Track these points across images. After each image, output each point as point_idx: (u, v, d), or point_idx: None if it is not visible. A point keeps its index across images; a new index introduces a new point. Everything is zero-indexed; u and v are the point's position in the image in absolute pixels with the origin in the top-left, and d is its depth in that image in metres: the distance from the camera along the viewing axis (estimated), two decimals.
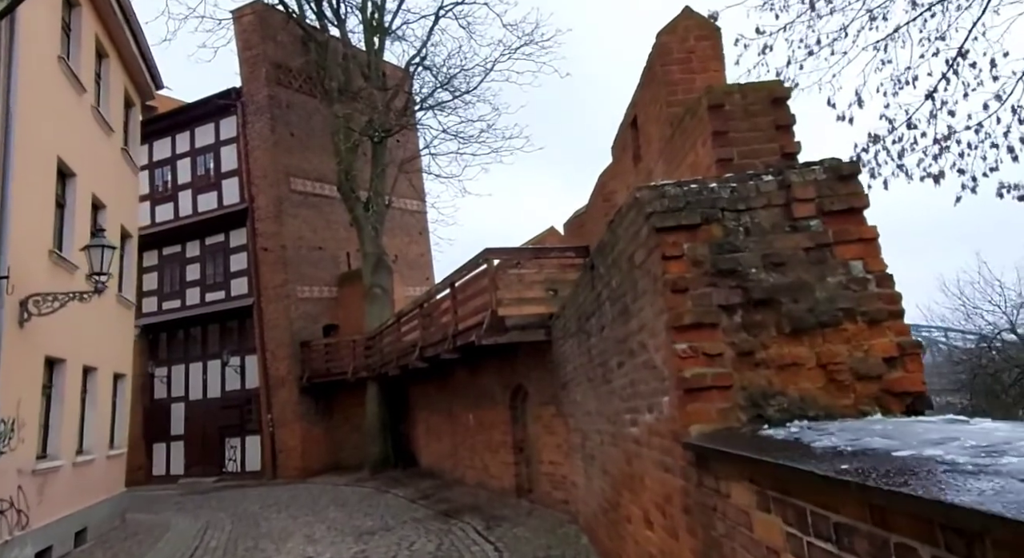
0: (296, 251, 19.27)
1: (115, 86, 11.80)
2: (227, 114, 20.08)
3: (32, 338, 7.90)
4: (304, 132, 20.08)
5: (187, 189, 20.85)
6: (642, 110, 5.63)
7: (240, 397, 19.78)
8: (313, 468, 18.37)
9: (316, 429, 18.85)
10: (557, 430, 8.72)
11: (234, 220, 19.84)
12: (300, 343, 18.79)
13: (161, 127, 21.15)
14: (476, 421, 12.19)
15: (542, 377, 9.31)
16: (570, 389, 7.50)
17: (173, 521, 11.93)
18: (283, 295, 18.86)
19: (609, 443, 5.18)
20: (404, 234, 23.25)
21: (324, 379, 18.55)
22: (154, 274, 21.51)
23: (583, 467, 6.85)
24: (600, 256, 4.80)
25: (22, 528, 7.70)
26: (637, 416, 4.06)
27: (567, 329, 7.24)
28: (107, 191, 11.02)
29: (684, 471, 3.04)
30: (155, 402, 21.12)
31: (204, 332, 20.91)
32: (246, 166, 19.56)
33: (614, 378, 4.80)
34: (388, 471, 16.61)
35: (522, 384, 10.24)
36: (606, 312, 4.80)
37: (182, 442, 20.61)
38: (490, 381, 11.32)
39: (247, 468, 19.42)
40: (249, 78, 19.64)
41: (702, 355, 2.97)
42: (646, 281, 3.48)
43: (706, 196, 3.20)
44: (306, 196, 19.93)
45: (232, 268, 20.19)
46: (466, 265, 9.86)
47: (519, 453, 10.56)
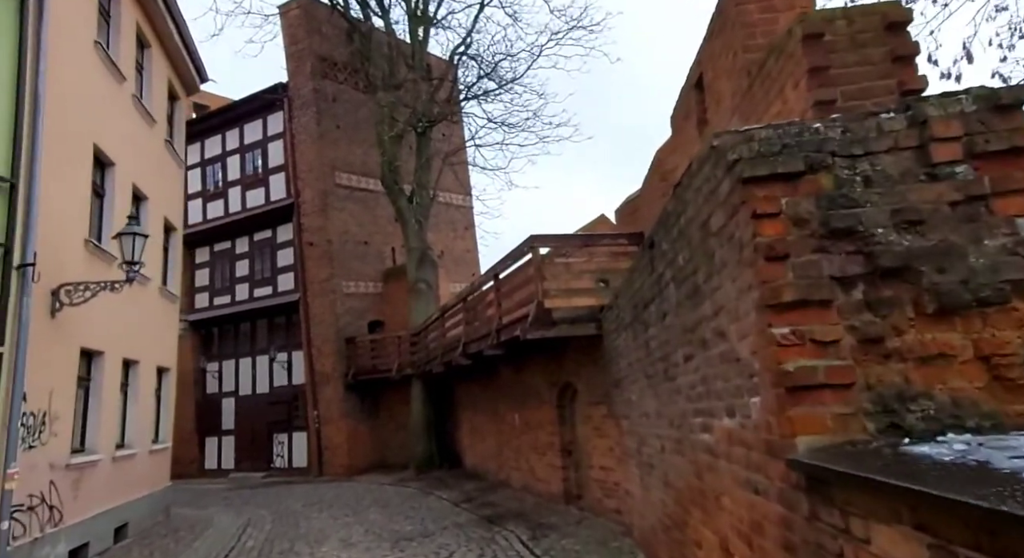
0: (341, 246, 19.07)
1: (158, 77, 11.68)
2: (274, 109, 20.06)
3: (65, 329, 7.69)
4: (350, 125, 19.88)
5: (236, 185, 20.96)
6: (710, 65, 4.88)
7: (287, 393, 19.74)
8: (359, 466, 18.12)
9: (362, 427, 18.60)
10: (609, 432, 7.99)
11: (281, 215, 19.80)
12: (345, 339, 18.58)
13: (211, 125, 21.40)
14: (522, 421, 11.56)
15: (592, 374, 8.60)
16: (624, 387, 6.78)
17: (216, 518, 11.74)
18: (328, 290, 18.68)
19: (672, 450, 4.45)
20: (450, 229, 22.85)
21: (369, 376, 18.28)
22: (206, 270, 21.76)
23: (639, 475, 6.13)
24: (662, 230, 4.08)
25: (55, 525, 7.49)
26: (711, 421, 3.33)
27: (620, 321, 6.52)
28: (149, 182, 10.88)
29: (786, 496, 2.31)
30: (207, 397, 21.35)
31: (253, 328, 20.99)
32: (292, 161, 19.49)
33: (679, 374, 4.08)
34: (433, 471, 16.18)
35: (570, 382, 9.55)
36: (669, 296, 4.08)
37: (232, 437, 20.75)
38: (536, 379, 10.66)
39: (294, 464, 19.35)
40: (295, 72, 19.56)
41: (810, 342, 2.24)
42: (727, 251, 2.76)
43: (809, 138, 2.46)
44: (351, 190, 19.72)
45: (279, 263, 20.17)
46: (510, 254, 9.24)
47: (567, 456, 9.88)
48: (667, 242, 3.96)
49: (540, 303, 8.21)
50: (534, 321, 8.23)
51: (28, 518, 6.92)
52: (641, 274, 5.08)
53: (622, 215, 9.32)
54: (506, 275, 9.50)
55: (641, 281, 5.11)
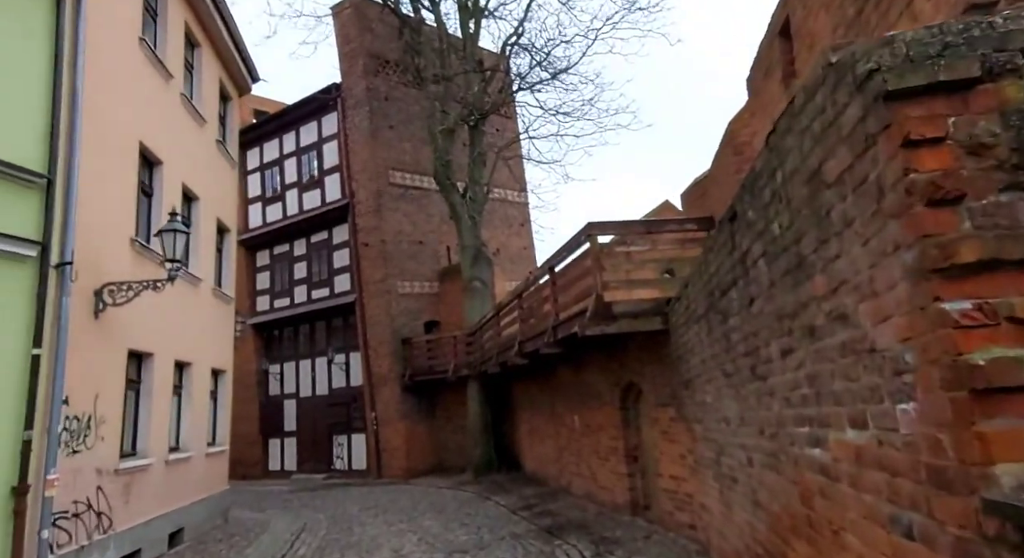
0: (396, 246, 18.84)
1: (208, 77, 11.62)
2: (328, 111, 20.06)
3: (110, 330, 7.53)
4: (402, 123, 19.64)
5: (293, 188, 21.10)
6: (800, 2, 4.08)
7: (346, 394, 19.67)
8: (417, 468, 17.81)
9: (419, 428, 18.29)
10: (679, 437, 7.21)
11: (336, 216, 19.76)
12: (401, 340, 18.31)
13: (269, 130, 21.65)
14: (582, 423, 10.86)
15: (658, 373, 7.83)
16: (695, 388, 6.01)
17: (272, 522, 11.56)
18: (384, 291, 18.47)
19: (763, 465, 3.70)
20: (505, 226, 22.32)
21: (426, 377, 17.94)
22: (266, 273, 22.02)
23: (717, 488, 5.35)
24: (747, 197, 3.34)
25: (103, 531, 7.33)
26: (824, 432, 2.58)
27: (691, 313, 5.76)
28: (200, 182, 10.79)
29: (970, 551, 1.57)
30: (270, 398, 21.58)
31: (312, 329, 21.07)
32: (346, 161, 19.41)
33: (772, 373, 3.33)
34: (491, 474, 15.65)
35: (634, 381, 8.79)
36: (758, 277, 3.33)
37: (294, 438, 20.87)
38: (596, 378, 9.94)
39: (353, 466, 19.24)
40: (348, 72, 19.48)
41: (1007, 322, 1.50)
42: (854, 203, 2.03)
43: (983, 34, 1.71)
44: (405, 189, 19.47)
45: (335, 265, 20.15)
46: (566, 245, 8.56)
47: (632, 462, 9.12)
48: (755, 209, 3.22)
49: (599, 296, 7.51)
50: (593, 316, 7.53)
51: (73, 525, 6.75)
52: (718, 255, 4.33)
53: (689, 199, 8.51)
54: (562, 268, 8.83)
55: (718, 263, 4.36)
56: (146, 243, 8.57)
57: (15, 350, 5.92)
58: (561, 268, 8.94)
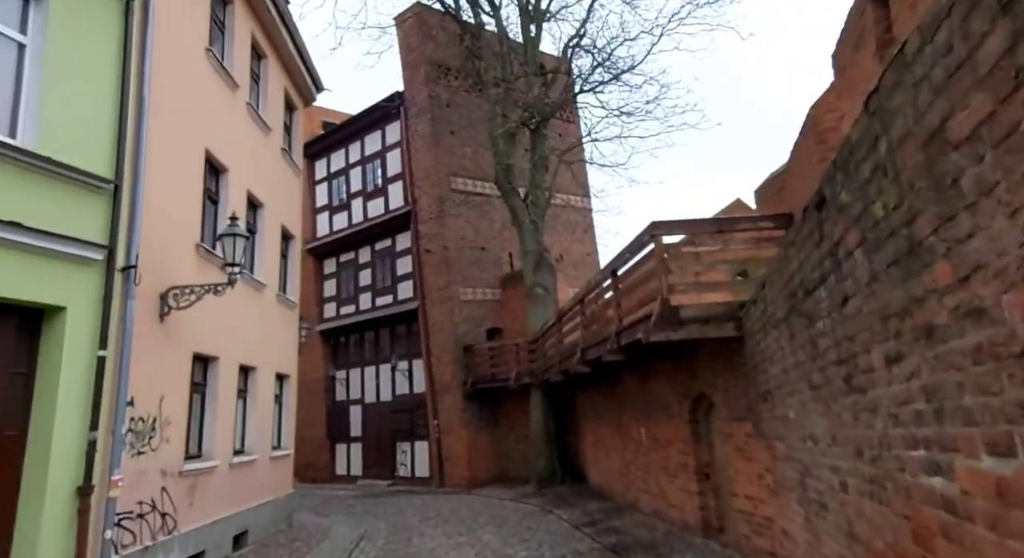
0: (458, 252, 18.78)
1: (273, 87, 11.86)
2: (392, 119, 20.31)
3: (176, 334, 7.65)
4: (464, 130, 19.64)
5: (358, 197, 21.47)
6: None
7: (409, 401, 19.71)
8: (479, 478, 17.59)
9: (482, 437, 18.07)
10: (756, 455, 6.61)
11: (399, 223, 19.93)
12: (463, 347, 18.18)
13: (336, 140, 22.15)
14: (649, 436, 10.31)
15: (731, 384, 7.26)
16: (775, 401, 5.45)
17: (335, 528, 11.56)
18: (446, 298, 18.42)
19: (861, 492, 3.18)
20: (568, 232, 21.93)
21: (488, 385, 17.72)
22: (333, 281, 22.47)
23: (803, 514, 4.78)
24: (841, 175, 2.87)
25: (167, 532, 7.41)
26: (950, 457, 2.10)
27: (769, 317, 5.23)
28: (265, 190, 10.99)
29: None
30: (336, 404, 21.93)
31: (376, 336, 21.29)
32: (409, 168, 19.56)
33: (873, 384, 2.83)
34: (555, 486, 15.22)
35: (705, 393, 8.22)
36: (854, 270, 2.85)
37: (360, 444, 21.10)
38: (664, 389, 9.40)
39: (417, 473, 19.22)
40: (410, 80, 19.67)
41: None
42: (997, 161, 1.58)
43: None
44: (467, 195, 19.42)
45: (398, 272, 20.31)
46: (629, 246, 8.11)
47: (704, 480, 8.52)
48: (850, 190, 2.75)
49: (665, 300, 7.03)
50: (658, 321, 7.06)
51: (138, 526, 6.83)
52: (801, 250, 3.84)
53: (764, 196, 7.91)
54: (625, 271, 8.38)
55: (801, 259, 3.86)
56: (211, 249, 8.71)
57: (81, 351, 6.02)
58: (624, 271, 8.50)
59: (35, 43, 5.92)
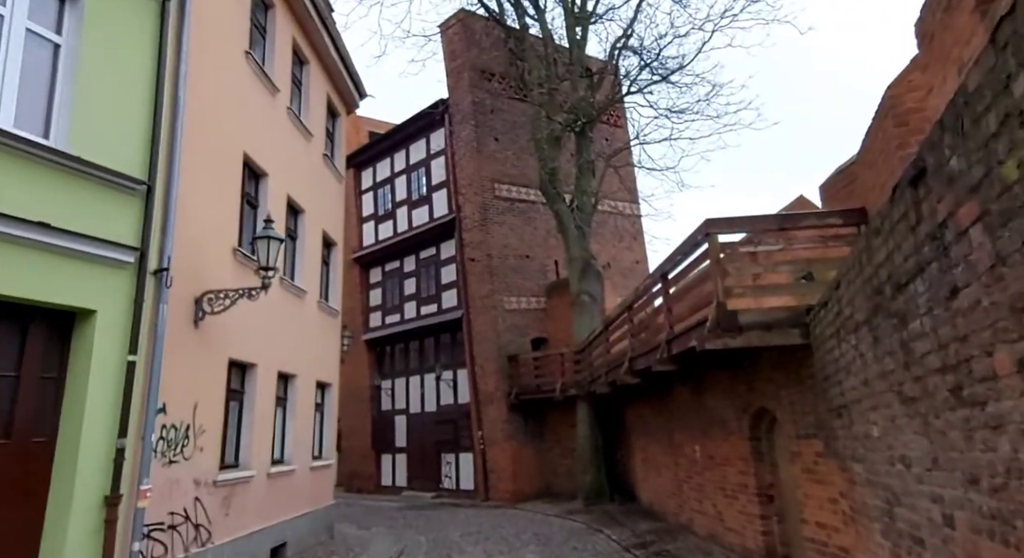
0: (502, 260, 18.43)
1: (315, 92, 11.80)
2: (436, 127, 20.20)
3: (211, 339, 7.49)
4: (508, 137, 19.35)
5: (403, 205, 21.42)
6: None
7: (454, 412, 19.39)
8: (524, 492, 17.07)
9: (526, 450, 17.56)
10: (828, 478, 5.94)
11: (444, 232, 19.73)
12: (508, 357, 17.76)
13: (381, 149, 22.20)
14: (703, 454, 9.63)
15: (798, 398, 6.60)
16: (853, 417, 4.81)
17: (374, 542, 11.27)
18: (490, 306, 18.07)
19: (976, 529, 2.59)
20: (616, 239, 21.32)
21: (532, 396, 17.22)
22: (379, 290, 22.44)
23: (888, 547, 4.14)
24: (951, 137, 2.33)
25: (201, 544, 7.20)
26: None
27: (844, 321, 4.62)
28: (306, 195, 10.88)
29: None
30: (382, 413, 21.80)
31: (421, 345, 21.09)
32: (453, 176, 19.37)
33: (998, 394, 2.27)
34: (603, 503, 14.58)
35: (766, 407, 7.55)
36: (968, 253, 2.30)
37: (404, 455, 20.88)
38: (720, 402, 8.75)
39: (461, 486, 18.84)
40: (455, 87, 19.53)
41: None
42: None
43: None
44: (512, 202, 19.09)
45: (443, 280, 20.09)
46: (681, 247, 7.55)
47: (767, 503, 7.82)
48: (965, 154, 2.21)
49: (721, 305, 6.46)
50: (714, 327, 6.48)
51: (169, 537, 6.63)
52: (889, 238, 3.27)
53: (830, 191, 7.23)
54: (676, 273, 7.81)
55: (889, 249, 3.29)
56: (249, 254, 8.58)
57: (111, 356, 5.87)
58: (675, 274, 7.93)
59: (70, 43, 5.85)
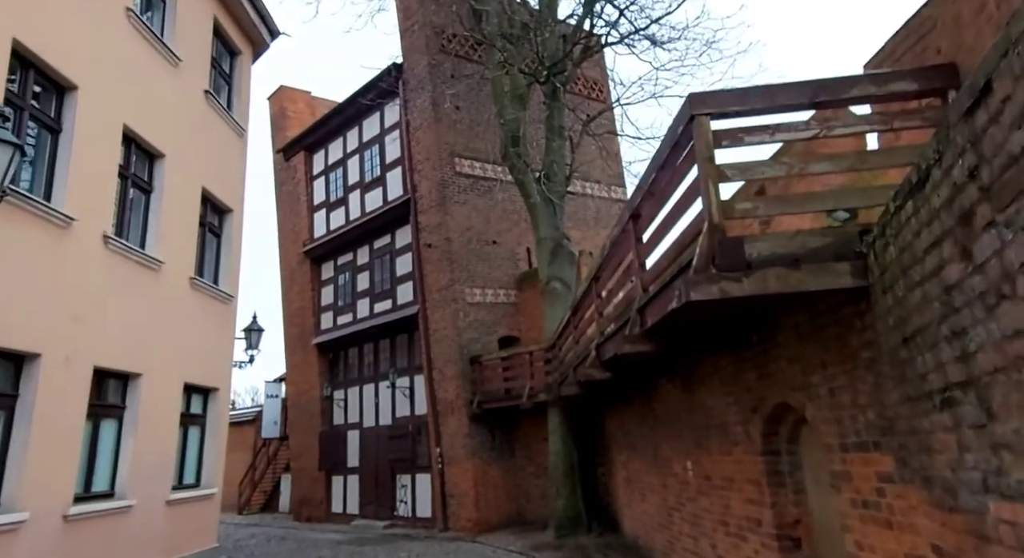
0: (464, 245, 15.72)
1: (192, 9, 9.17)
2: (391, 98, 17.59)
3: None
4: (472, 106, 16.73)
5: (355, 189, 18.80)
6: None
7: (410, 425, 16.58)
8: (490, 520, 14.22)
9: (493, 469, 14.73)
10: (908, 519, 3.20)
11: (399, 216, 17.06)
12: (470, 358, 14.99)
13: (333, 127, 19.61)
14: (698, 472, 6.89)
15: (845, 384, 3.89)
16: (963, 411, 2.07)
17: None
18: (449, 299, 15.33)
19: None
20: (600, 227, 18.56)
21: (499, 404, 14.43)
22: (330, 287, 19.75)
23: None
24: None
25: None
26: None
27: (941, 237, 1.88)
28: (167, 136, 8.23)
29: None
30: (334, 429, 18.99)
31: (375, 348, 18.35)
32: (408, 151, 16.74)
33: None
34: (578, 535, 11.76)
35: (788, 403, 4.83)
36: None
37: (357, 476, 18.03)
38: (719, 399, 6.01)
39: (418, 513, 15.97)
40: (409, 49, 16.97)
41: None
42: None
43: None
44: (475, 180, 16.42)
45: (398, 272, 17.39)
46: (655, 156, 4.85)
47: (792, 550, 5.08)
48: None
49: (716, 228, 3.78)
50: (704, 266, 3.78)
51: None
52: None
53: (897, 52, 4.56)
54: (647, 193, 5.08)
55: None
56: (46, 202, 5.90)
57: None
58: (645, 194, 5.21)
59: None
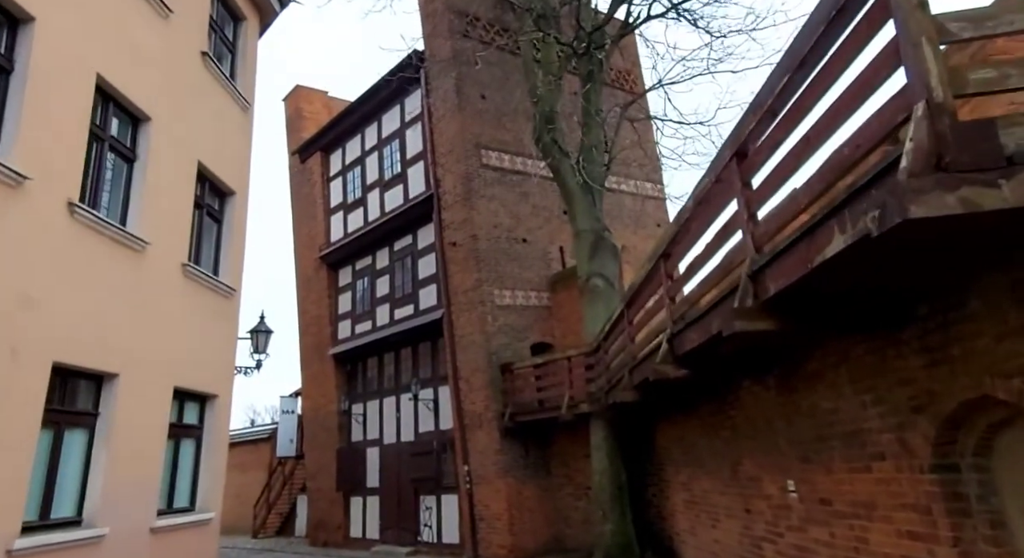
0: (492, 242, 14.38)
1: None
2: (412, 89, 16.45)
3: None
4: (499, 94, 15.49)
5: (375, 188, 17.61)
6: None
7: (435, 441, 15.14)
8: (526, 546, 12.69)
9: (527, 489, 13.22)
10: None
11: (421, 214, 15.80)
12: (500, 366, 13.58)
13: (350, 124, 18.52)
14: (807, 495, 5.38)
15: None
16: None
17: None
18: (476, 301, 13.96)
19: None
20: (637, 226, 17.20)
21: (534, 417, 12.98)
22: (348, 294, 18.50)
23: None
24: None
25: None
26: None
27: None
28: (154, 97, 7.03)
29: None
30: (352, 446, 17.59)
31: (396, 358, 16.99)
32: (431, 143, 15.53)
33: None
34: None
35: (988, 397, 3.35)
36: None
37: (377, 497, 16.58)
38: (848, 401, 4.50)
39: (444, 538, 14.46)
40: (431, 34, 15.84)
41: None
42: None
43: None
44: (503, 173, 15.13)
45: (420, 275, 16.07)
46: (796, 41, 3.45)
47: None
48: None
49: (942, 110, 2.36)
50: (922, 166, 2.36)
51: None
52: None
53: None
54: (790, 106, 3.67)
55: None
56: None
57: None
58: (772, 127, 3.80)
59: None
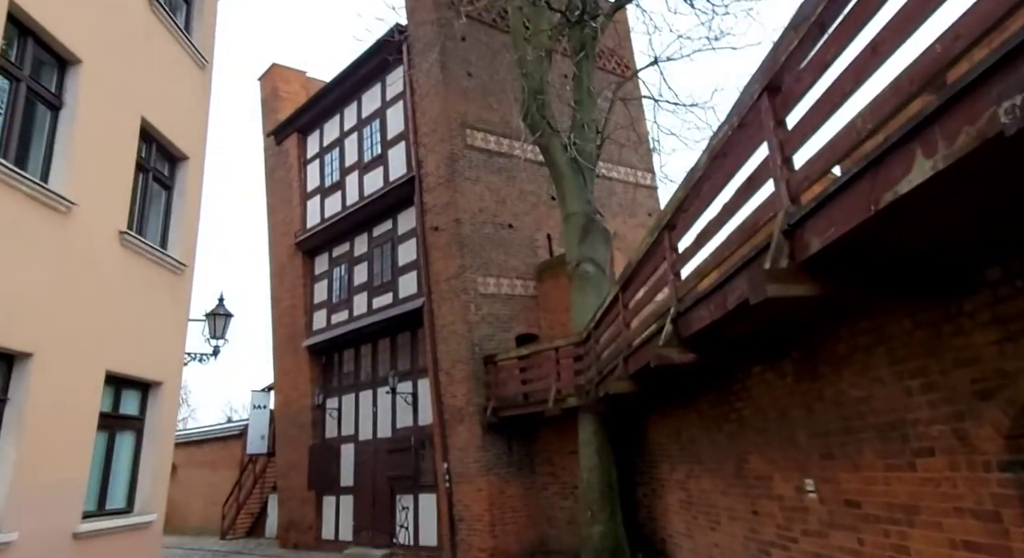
0: (475, 227, 13.58)
1: None
2: (393, 66, 15.60)
3: None
4: (485, 72, 14.68)
5: (354, 171, 16.72)
6: None
7: (413, 437, 14.30)
8: (509, 549, 11.91)
9: (511, 488, 12.43)
10: None
11: (402, 197, 14.95)
12: (483, 358, 12.78)
13: (329, 104, 17.59)
14: (829, 496, 4.64)
15: None
16: None
17: None
18: (459, 289, 13.15)
19: None
20: (627, 215, 16.52)
21: (518, 411, 12.20)
22: (324, 282, 17.60)
23: None
24: None
25: None
26: None
27: None
28: (86, 39, 6.15)
29: None
30: (326, 443, 16.70)
31: (374, 350, 16.12)
32: (413, 122, 14.69)
33: None
34: None
35: None
36: None
37: (351, 496, 15.71)
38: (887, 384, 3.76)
39: (421, 540, 13.63)
40: (415, 8, 15.00)
41: None
42: None
43: None
44: (489, 155, 14.33)
45: (400, 261, 15.23)
46: None
47: None
48: None
49: None
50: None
51: None
52: None
53: None
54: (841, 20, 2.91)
55: None
56: None
57: None
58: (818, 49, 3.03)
59: None
